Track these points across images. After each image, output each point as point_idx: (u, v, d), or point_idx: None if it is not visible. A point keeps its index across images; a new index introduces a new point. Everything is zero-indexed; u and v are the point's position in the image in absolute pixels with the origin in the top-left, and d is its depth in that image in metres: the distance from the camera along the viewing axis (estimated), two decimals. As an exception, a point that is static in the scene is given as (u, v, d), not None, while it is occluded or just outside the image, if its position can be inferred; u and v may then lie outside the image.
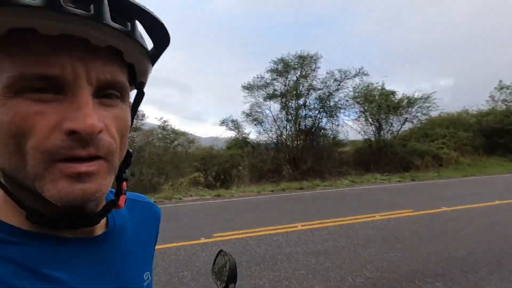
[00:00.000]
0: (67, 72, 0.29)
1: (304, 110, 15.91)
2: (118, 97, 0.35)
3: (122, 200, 0.41)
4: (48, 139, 0.29)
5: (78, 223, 0.37)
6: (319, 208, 6.55)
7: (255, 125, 16.44)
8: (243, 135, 16.78)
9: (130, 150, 0.42)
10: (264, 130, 16.50)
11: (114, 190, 0.45)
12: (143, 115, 13.99)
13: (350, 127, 16.55)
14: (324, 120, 16.16)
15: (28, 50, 0.29)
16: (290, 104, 15.84)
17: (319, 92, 15.65)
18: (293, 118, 15.88)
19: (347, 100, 15.69)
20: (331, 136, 16.22)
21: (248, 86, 15.76)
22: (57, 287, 0.34)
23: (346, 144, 17.13)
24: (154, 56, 0.39)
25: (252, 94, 15.91)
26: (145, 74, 0.40)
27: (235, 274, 0.68)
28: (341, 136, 16.27)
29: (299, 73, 15.20)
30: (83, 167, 0.30)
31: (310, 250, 3.87)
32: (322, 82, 15.42)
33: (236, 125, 16.44)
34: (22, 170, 0.31)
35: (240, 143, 16.67)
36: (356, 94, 15.56)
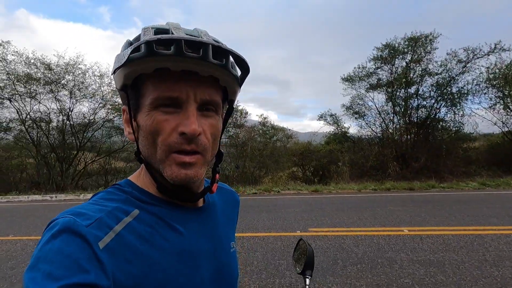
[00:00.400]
0: (182, 95, 0.46)
1: (416, 99, 13.88)
2: (214, 111, 0.50)
3: (215, 187, 0.58)
4: (169, 137, 0.46)
5: (187, 198, 0.54)
6: (433, 212, 5.65)
7: (356, 118, 15.41)
8: (343, 130, 16.00)
9: (222, 151, 0.57)
10: (366, 123, 15.28)
11: (209, 180, 0.64)
12: (246, 113, 15.16)
13: (482, 118, 13.24)
14: (443, 110, 13.64)
15: (163, 81, 0.46)
16: (398, 93, 14.08)
17: (436, 77, 13.31)
18: (402, 109, 14.06)
19: (477, 84, 12.74)
20: (453, 129, 13.51)
21: (348, 77, 14.87)
22: (179, 235, 0.51)
23: (475, 138, 13.96)
24: (241, 80, 0.54)
25: (353, 86, 14.94)
26: (234, 94, 0.54)
27: (312, 262, 0.72)
28: (467, 129, 13.31)
29: (409, 57, 13.28)
30: (187, 159, 0.47)
31: (418, 258, 3.43)
32: (441, 65, 13.04)
33: (335, 119, 15.83)
34: (154, 156, 0.48)
35: (340, 138, 15.96)
36: (492, 75, 12.40)
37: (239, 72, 0.53)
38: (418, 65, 13.30)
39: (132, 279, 0.42)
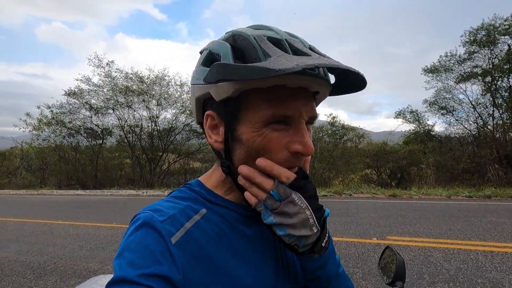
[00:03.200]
0: (296, 113, 0.45)
1: (525, 89, 11.37)
2: (311, 123, 0.50)
3: None
4: (278, 154, 0.46)
5: None
6: (556, 228, 4.52)
7: (442, 114, 13.50)
8: (426, 128, 14.18)
9: None
10: (456, 120, 13.24)
11: None
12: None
13: None
14: None
15: (277, 98, 0.44)
16: (499, 83, 11.77)
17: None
18: (506, 102, 11.69)
19: None
20: None
21: (432, 68, 13.11)
22: (243, 236, 0.51)
23: None
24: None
25: (438, 78, 13.11)
26: (320, 102, 0.54)
27: (403, 273, 0.65)
28: None
29: (515, 38, 10.97)
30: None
31: (535, 283, 2.78)
32: None
33: (416, 117, 14.17)
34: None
35: (422, 137, 14.18)
36: None
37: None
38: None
39: (198, 276, 0.44)
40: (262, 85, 0.43)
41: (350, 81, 0.49)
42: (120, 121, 15.52)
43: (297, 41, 0.48)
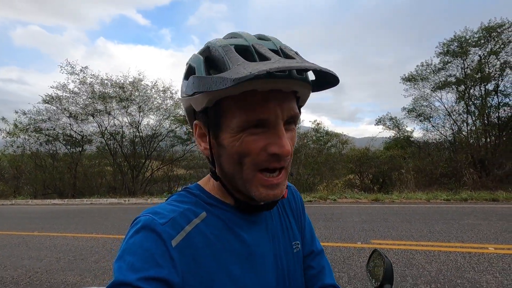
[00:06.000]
0: (271, 116, 0.46)
1: (495, 97, 12.05)
2: (293, 123, 0.51)
3: (286, 193, 0.57)
4: (258, 156, 0.47)
5: (261, 208, 0.55)
6: (527, 229, 4.76)
7: (420, 121, 14.03)
8: (405, 134, 14.69)
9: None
10: (433, 126, 13.80)
11: None
12: (298, 120, 15.07)
13: None
14: (534, 108, 11.57)
15: (250, 103, 0.45)
16: (472, 91, 12.42)
17: (522, 70, 11.41)
18: (478, 108, 12.33)
19: None
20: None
21: (410, 77, 13.67)
22: (242, 239, 0.52)
23: None
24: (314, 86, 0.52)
25: (416, 86, 13.67)
26: (305, 101, 0.54)
27: (391, 275, 0.66)
28: None
29: (489, 48, 11.62)
30: (275, 180, 0.48)
31: (510, 282, 2.91)
32: (528, 56, 11.13)
33: (395, 123, 14.64)
34: (238, 175, 0.49)
35: (402, 143, 14.67)
36: None
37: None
38: (496, 58, 11.59)
39: (198, 280, 0.45)
40: (233, 92, 0.44)
41: (326, 78, 0.49)
42: (100, 127, 15.08)
43: (266, 44, 0.48)
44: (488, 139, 12.42)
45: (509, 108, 11.98)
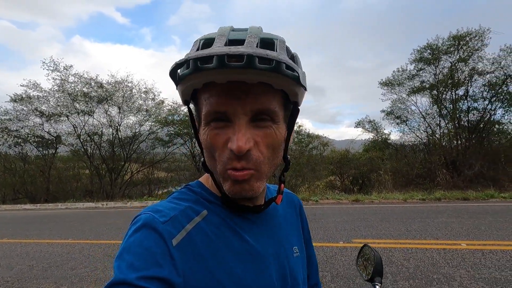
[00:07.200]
0: (229, 109, 0.43)
1: (465, 101, 12.77)
2: (270, 120, 0.45)
3: (279, 199, 0.56)
4: (223, 152, 0.45)
5: (250, 209, 0.54)
6: (496, 225, 5.07)
7: (397, 124, 14.62)
8: (383, 136, 15.23)
9: (289, 157, 0.53)
10: (409, 129, 14.40)
11: (273, 186, 0.66)
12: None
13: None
14: (500, 111, 12.39)
15: (211, 96, 0.44)
16: (444, 96, 13.09)
17: (488, 76, 12.19)
18: (450, 112, 13.02)
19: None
20: (513, 132, 12.19)
21: (387, 82, 14.21)
22: (242, 238, 0.51)
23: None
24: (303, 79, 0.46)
25: (393, 90, 14.23)
26: (296, 95, 0.47)
27: (381, 269, 0.69)
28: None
29: (458, 56, 12.33)
30: (239, 176, 0.44)
31: (480, 276, 3.09)
32: (493, 63, 11.91)
33: (374, 126, 15.15)
34: (215, 170, 0.48)
35: (380, 145, 15.19)
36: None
37: (300, 69, 0.46)
38: (465, 64, 12.32)
39: (198, 279, 0.44)
40: (196, 85, 0.44)
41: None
42: (75, 128, 14.46)
43: (236, 34, 0.45)
44: (459, 142, 13.13)
45: (477, 112, 12.74)
